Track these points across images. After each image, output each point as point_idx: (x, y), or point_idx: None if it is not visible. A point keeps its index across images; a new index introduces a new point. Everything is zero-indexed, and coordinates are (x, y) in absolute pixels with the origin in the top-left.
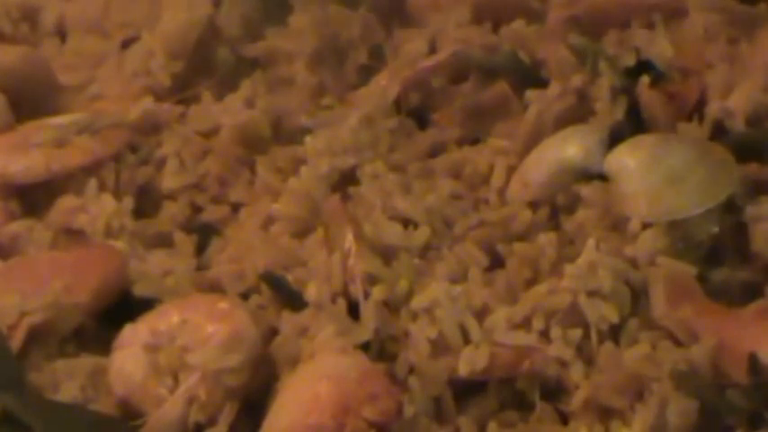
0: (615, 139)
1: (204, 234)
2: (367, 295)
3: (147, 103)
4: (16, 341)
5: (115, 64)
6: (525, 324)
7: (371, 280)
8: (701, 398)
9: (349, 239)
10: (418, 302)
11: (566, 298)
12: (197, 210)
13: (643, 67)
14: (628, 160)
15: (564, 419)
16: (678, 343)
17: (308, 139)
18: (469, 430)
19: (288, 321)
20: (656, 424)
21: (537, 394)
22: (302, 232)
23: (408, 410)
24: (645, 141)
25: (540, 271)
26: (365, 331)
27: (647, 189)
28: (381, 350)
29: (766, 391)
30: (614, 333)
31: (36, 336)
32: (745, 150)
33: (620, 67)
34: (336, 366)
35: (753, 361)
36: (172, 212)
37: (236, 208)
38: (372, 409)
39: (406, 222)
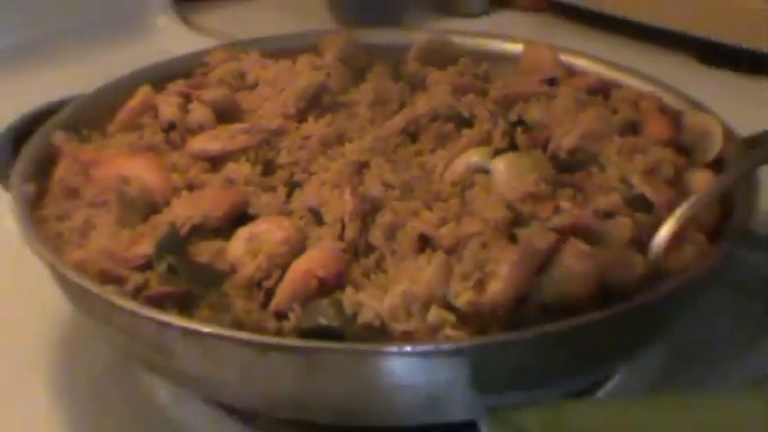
0: (496, 154)
1: None
2: None
3: (278, 120)
4: None
5: (272, 102)
6: None
7: None
8: None
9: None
10: None
11: None
12: None
13: (520, 122)
14: (499, 166)
15: None
16: None
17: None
18: None
19: None
20: None
21: None
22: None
23: None
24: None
25: None
26: None
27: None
28: None
29: None
30: None
31: None
32: (566, 167)
33: (509, 121)
34: None
35: None
36: None
37: None
38: None
39: None
